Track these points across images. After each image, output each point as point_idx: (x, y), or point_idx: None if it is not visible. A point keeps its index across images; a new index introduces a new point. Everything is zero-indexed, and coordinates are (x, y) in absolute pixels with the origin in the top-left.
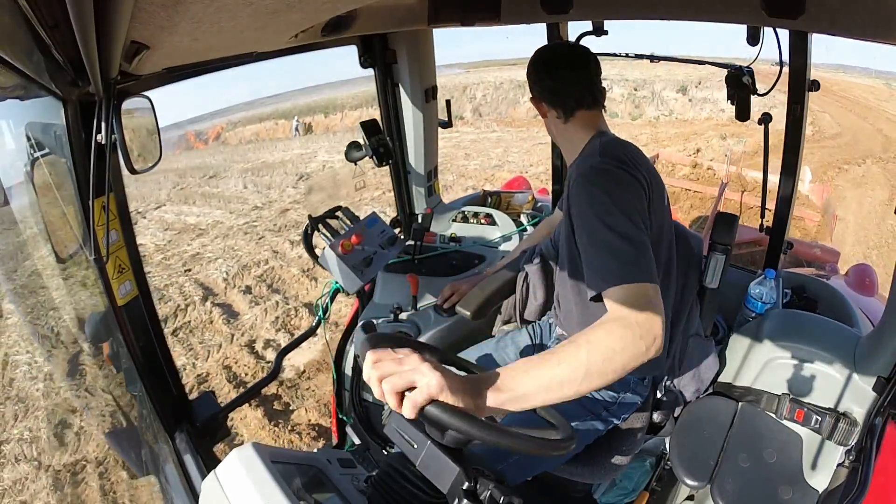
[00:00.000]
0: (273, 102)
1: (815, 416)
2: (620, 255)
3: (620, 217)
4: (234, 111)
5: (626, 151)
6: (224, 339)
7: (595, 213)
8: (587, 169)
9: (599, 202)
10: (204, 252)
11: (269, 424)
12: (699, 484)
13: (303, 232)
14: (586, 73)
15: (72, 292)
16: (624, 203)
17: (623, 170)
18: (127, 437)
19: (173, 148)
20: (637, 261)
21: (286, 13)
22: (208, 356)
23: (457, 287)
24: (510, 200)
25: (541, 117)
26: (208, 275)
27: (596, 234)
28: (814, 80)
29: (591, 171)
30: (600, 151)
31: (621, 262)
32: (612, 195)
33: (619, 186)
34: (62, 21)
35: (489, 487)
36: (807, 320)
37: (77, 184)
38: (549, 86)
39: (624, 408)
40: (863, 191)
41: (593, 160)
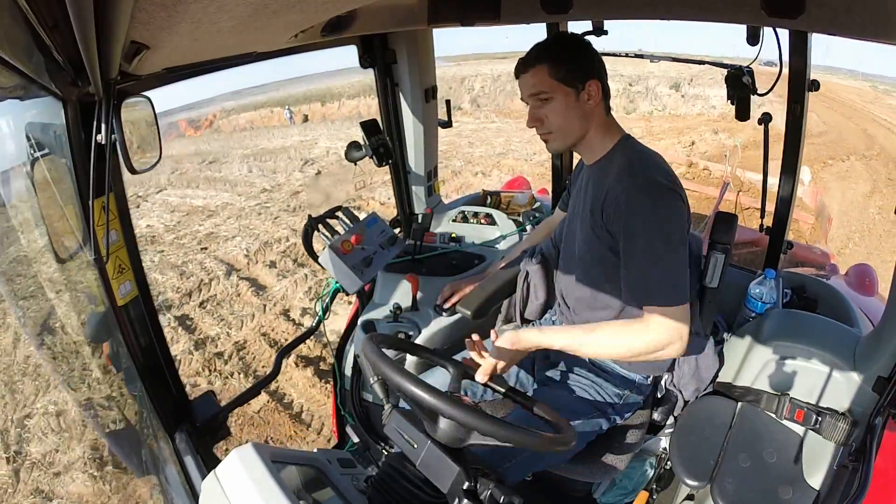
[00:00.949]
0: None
1: (815, 416)
2: (671, 278)
3: (675, 242)
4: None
5: (662, 162)
6: (256, 309)
7: (647, 232)
8: (650, 182)
9: (651, 222)
10: (218, 231)
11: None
12: (699, 484)
13: (303, 232)
14: None
15: (72, 292)
16: (678, 227)
17: (676, 190)
18: (127, 437)
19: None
20: (679, 286)
21: (286, 13)
22: (242, 325)
23: (457, 287)
24: (510, 200)
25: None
26: (227, 252)
27: (654, 250)
28: (813, 79)
29: (656, 186)
30: (642, 163)
31: (666, 286)
32: (668, 217)
33: (677, 208)
34: (62, 21)
35: (489, 487)
36: (807, 320)
37: (77, 184)
38: (603, 69)
39: (628, 406)
40: (846, 184)
41: (651, 173)
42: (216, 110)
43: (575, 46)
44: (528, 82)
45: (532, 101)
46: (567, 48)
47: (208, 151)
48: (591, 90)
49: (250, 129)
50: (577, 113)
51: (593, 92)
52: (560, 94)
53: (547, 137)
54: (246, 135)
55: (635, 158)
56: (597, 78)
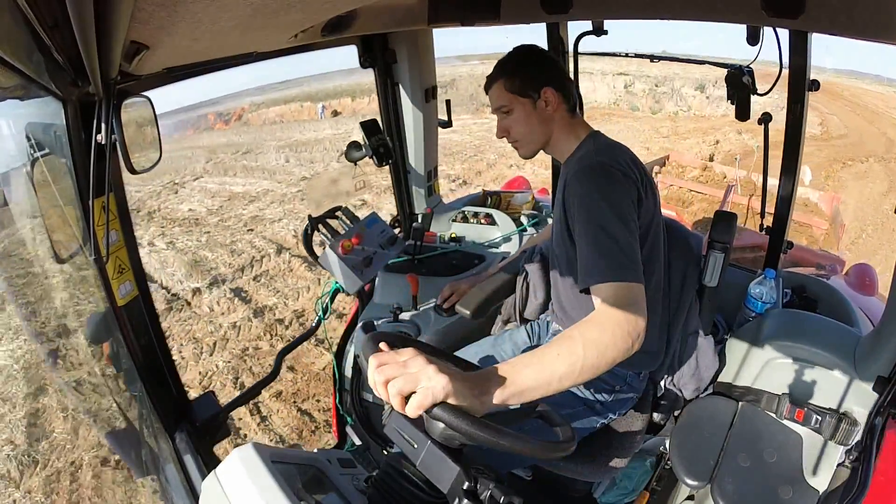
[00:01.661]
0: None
1: (815, 416)
2: (609, 254)
3: (612, 218)
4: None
5: (621, 151)
6: (310, 282)
7: (589, 210)
8: (585, 167)
9: (594, 200)
10: (263, 215)
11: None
12: (699, 484)
13: (303, 232)
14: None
15: (72, 292)
16: (616, 203)
17: (618, 169)
18: (127, 437)
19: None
20: (624, 261)
21: (286, 13)
22: (298, 296)
23: (457, 287)
24: (510, 200)
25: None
26: (275, 233)
27: (588, 232)
28: (813, 79)
29: (589, 169)
30: (596, 150)
31: (609, 262)
32: (606, 195)
33: (613, 186)
34: (62, 21)
35: (489, 487)
36: (807, 320)
37: (77, 184)
38: (558, 75)
39: (620, 403)
40: (863, 183)
41: (590, 159)
42: (245, 104)
43: (525, 58)
44: (492, 97)
45: (498, 114)
46: (518, 61)
47: (241, 143)
48: (547, 97)
49: (280, 123)
50: (537, 119)
51: (550, 98)
52: (518, 104)
53: (516, 146)
54: (276, 128)
55: (592, 150)
56: (550, 85)
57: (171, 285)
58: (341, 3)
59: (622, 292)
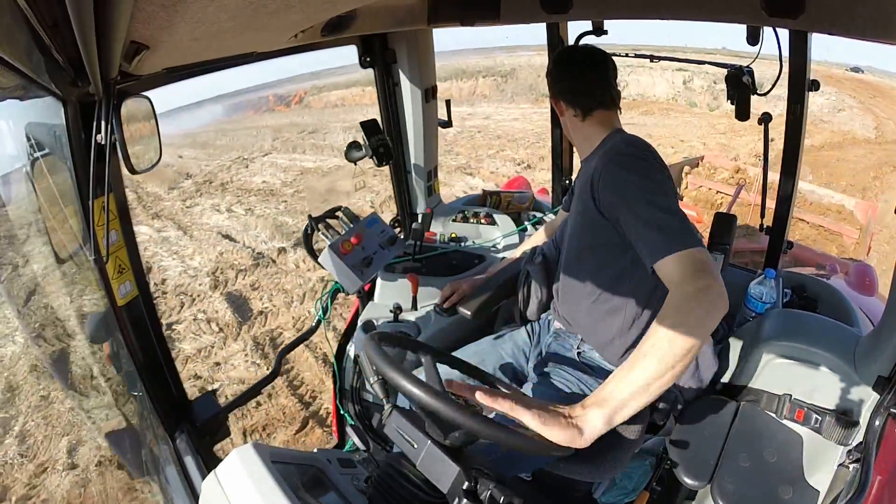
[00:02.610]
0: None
1: (815, 416)
2: (666, 227)
3: (659, 193)
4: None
5: (650, 147)
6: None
7: (635, 192)
8: (620, 154)
9: (636, 183)
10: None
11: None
12: (699, 484)
13: (303, 232)
14: (605, 74)
15: (72, 292)
16: (659, 181)
17: (653, 156)
18: (127, 438)
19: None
20: (683, 229)
21: (286, 13)
22: None
23: (457, 286)
24: (510, 200)
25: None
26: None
27: (639, 212)
28: (813, 80)
29: (623, 157)
30: (625, 142)
31: (669, 234)
32: (647, 176)
33: (651, 168)
34: (62, 21)
35: (489, 487)
36: (807, 320)
37: (77, 184)
38: (568, 86)
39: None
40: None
41: (621, 149)
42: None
43: (551, 68)
44: None
45: None
46: (551, 68)
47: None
48: (560, 107)
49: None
50: (566, 120)
51: (561, 108)
52: (557, 107)
53: None
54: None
55: (619, 142)
56: (557, 97)
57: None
58: (341, 3)
59: (692, 258)
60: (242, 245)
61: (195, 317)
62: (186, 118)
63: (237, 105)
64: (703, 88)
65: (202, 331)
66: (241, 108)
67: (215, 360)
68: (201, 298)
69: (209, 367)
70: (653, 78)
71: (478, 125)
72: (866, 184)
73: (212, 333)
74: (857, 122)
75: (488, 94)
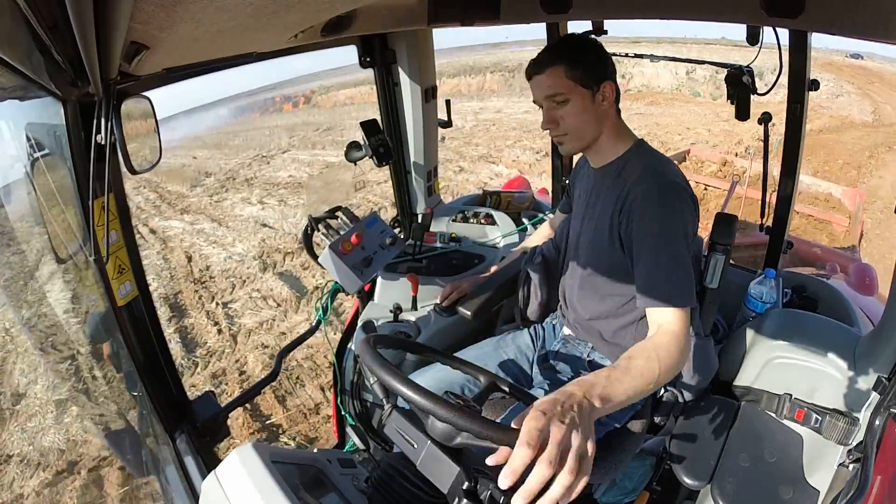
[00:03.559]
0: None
1: (815, 416)
2: (678, 279)
3: (682, 241)
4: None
5: (677, 167)
6: None
7: (661, 231)
8: (659, 185)
9: (668, 222)
10: (366, 178)
11: None
12: (699, 484)
13: (302, 232)
14: None
15: (72, 293)
16: (685, 226)
17: (686, 189)
18: (127, 438)
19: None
20: (688, 287)
21: (286, 13)
22: None
23: (457, 286)
24: (510, 200)
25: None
26: (384, 192)
27: (659, 253)
28: (813, 79)
29: (668, 186)
30: (659, 166)
31: (676, 287)
32: (679, 217)
33: (686, 210)
34: (62, 21)
35: (489, 487)
36: (807, 320)
37: (77, 184)
38: (614, 70)
39: (625, 410)
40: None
41: (661, 176)
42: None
43: (590, 47)
44: (544, 83)
45: (547, 103)
46: (583, 48)
47: (318, 122)
48: (606, 92)
49: (351, 104)
50: (593, 115)
51: (608, 93)
52: (577, 95)
53: (562, 139)
54: (349, 109)
55: (654, 162)
56: (611, 80)
57: (297, 231)
58: (341, 3)
59: (684, 317)
60: (283, 231)
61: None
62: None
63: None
64: (705, 79)
65: (260, 307)
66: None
67: (279, 330)
68: (252, 280)
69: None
70: (657, 69)
71: (491, 118)
72: (861, 162)
73: (270, 308)
74: (854, 106)
75: (496, 89)
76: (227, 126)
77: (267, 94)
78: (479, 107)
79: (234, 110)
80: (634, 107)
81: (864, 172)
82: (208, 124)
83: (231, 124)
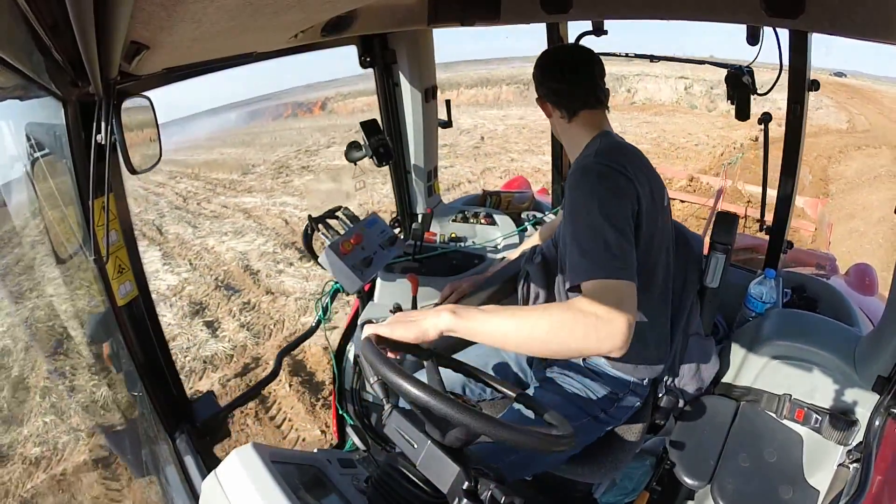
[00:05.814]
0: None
1: (815, 416)
2: (595, 253)
3: (600, 218)
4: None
5: (624, 154)
6: None
7: (578, 211)
8: (579, 167)
9: (583, 200)
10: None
11: None
12: (699, 484)
13: (303, 232)
14: (590, 74)
15: (72, 293)
16: (606, 204)
17: (614, 170)
18: (127, 438)
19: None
20: (611, 259)
21: (286, 13)
22: None
23: (457, 286)
24: (510, 200)
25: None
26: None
27: (577, 232)
28: (813, 80)
29: (583, 170)
30: (596, 152)
31: (595, 259)
32: (596, 195)
33: (604, 188)
34: (62, 21)
35: (490, 487)
36: (807, 320)
37: (77, 184)
38: (553, 87)
39: (623, 410)
40: (871, 161)
41: (587, 160)
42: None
43: (540, 63)
44: None
45: None
46: (536, 70)
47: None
48: (546, 109)
49: (368, 112)
50: (554, 122)
51: (548, 109)
52: (544, 108)
53: None
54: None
55: (593, 151)
56: (543, 97)
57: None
58: (341, 3)
59: (603, 289)
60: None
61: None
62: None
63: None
64: (701, 93)
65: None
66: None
67: None
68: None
69: None
70: (658, 85)
71: (516, 124)
72: (831, 154)
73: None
74: (832, 117)
75: (512, 100)
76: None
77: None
78: (502, 114)
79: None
80: (642, 116)
81: (834, 161)
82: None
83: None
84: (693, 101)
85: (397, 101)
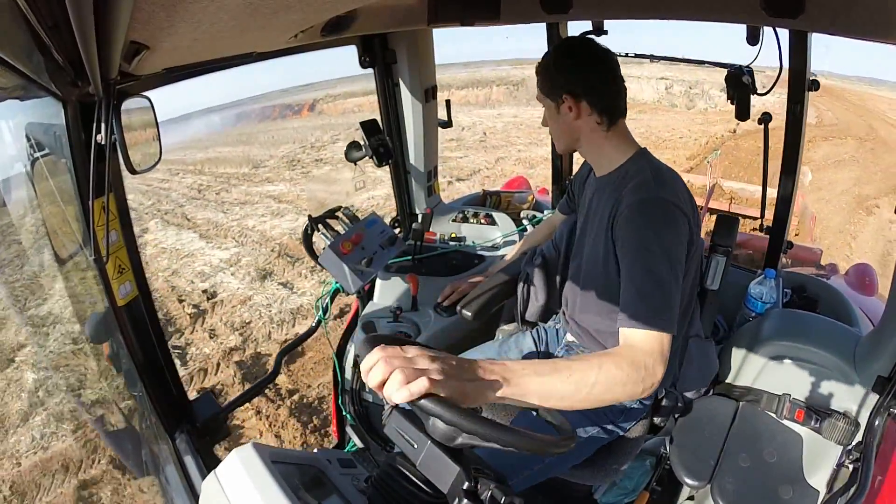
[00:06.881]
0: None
1: (815, 416)
2: (651, 300)
3: (663, 262)
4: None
5: (677, 182)
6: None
7: (641, 249)
8: (644, 199)
9: (648, 240)
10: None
11: None
12: (699, 484)
13: (302, 232)
14: (622, 77)
15: (72, 293)
16: (669, 246)
17: (677, 207)
18: (127, 438)
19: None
20: (664, 310)
21: (286, 13)
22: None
23: (457, 286)
24: (510, 200)
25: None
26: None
27: (636, 271)
28: (813, 79)
29: (649, 203)
30: (655, 180)
31: (650, 308)
32: (661, 236)
33: (670, 227)
34: (62, 21)
35: (490, 487)
36: (807, 320)
37: (77, 184)
38: (594, 82)
39: (630, 415)
40: (837, 149)
41: (650, 191)
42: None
43: (556, 58)
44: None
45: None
46: (548, 60)
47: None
48: (568, 103)
49: (359, 112)
50: (561, 124)
51: (571, 106)
52: (545, 103)
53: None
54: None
55: (651, 178)
56: (569, 92)
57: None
58: (341, 3)
59: (654, 341)
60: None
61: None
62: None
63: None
64: (681, 93)
65: None
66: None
67: None
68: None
69: None
70: (640, 85)
71: (512, 121)
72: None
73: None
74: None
75: (502, 100)
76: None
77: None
78: (496, 113)
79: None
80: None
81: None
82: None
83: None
84: (673, 100)
85: (397, 101)
